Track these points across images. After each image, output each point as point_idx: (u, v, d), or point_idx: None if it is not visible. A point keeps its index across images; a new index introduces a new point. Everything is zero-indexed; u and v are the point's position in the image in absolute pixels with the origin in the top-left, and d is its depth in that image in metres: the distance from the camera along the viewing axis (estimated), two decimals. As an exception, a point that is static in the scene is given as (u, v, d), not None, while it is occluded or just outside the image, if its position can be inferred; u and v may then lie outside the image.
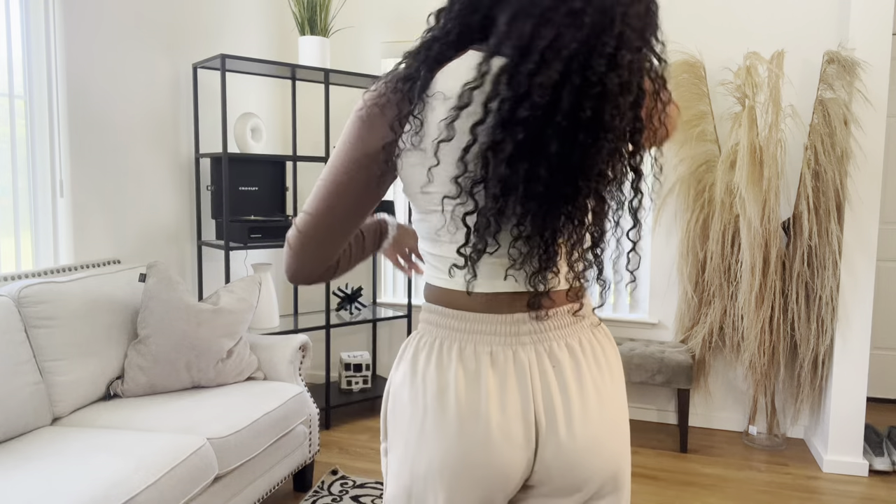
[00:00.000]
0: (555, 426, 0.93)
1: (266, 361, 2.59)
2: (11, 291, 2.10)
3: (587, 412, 0.94)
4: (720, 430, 3.45)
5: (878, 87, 2.83)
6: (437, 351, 0.96)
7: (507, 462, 0.93)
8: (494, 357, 0.94)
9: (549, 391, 0.93)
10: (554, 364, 0.94)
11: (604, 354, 0.99)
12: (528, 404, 0.93)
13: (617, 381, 1.00)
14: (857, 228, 2.89)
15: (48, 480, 1.64)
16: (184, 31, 3.13)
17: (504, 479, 0.94)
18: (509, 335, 0.94)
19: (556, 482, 0.96)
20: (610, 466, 0.97)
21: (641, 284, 3.58)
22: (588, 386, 0.95)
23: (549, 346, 0.95)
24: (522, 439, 0.93)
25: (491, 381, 0.93)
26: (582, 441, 0.94)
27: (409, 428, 0.96)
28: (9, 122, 2.39)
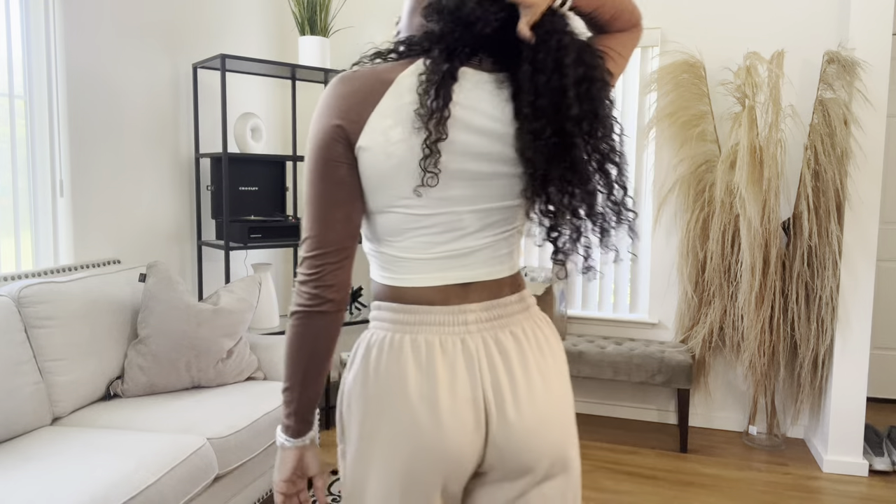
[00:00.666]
0: (503, 409, 0.98)
1: (266, 361, 2.59)
2: (11, 291, 2.10)
3: (533, 395, 0.99)
4: (720, 430, 3.45)
5: (878, 87, 2.83)
6: (388, 345, 0.99)
7: (460, 447, 0.97)
8: (444, 346, 0.98)
9: (497, 377, 0.98)
10: (500, 351, 1.00)
11: (546, 341, 1.04)
12: (476, 390, 0.98)
13: (560, 365, 1.05)
14: (857, 228, 2.89)
15: (48, 480, 1.64)
16: (184, 31, 3.13)
17: (457, 465, 0.98)
18: (457, 325, 0.99)
19: (508, 464, 1.00)
20: (558, 446, 1.02)
21: (641, 284, 3.58)
22: (533, 370, 1.00)
23: (494, 334, 1.00)
24: (473, 424, 0.97)
25: (441, 369, 0.97)
26: (530, 422, 0.99)
27: (366, 420, 1.00)
28: (9, 122, 2.39)
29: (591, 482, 2.84)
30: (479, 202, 0.99)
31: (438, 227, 0.99)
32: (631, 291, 3.59)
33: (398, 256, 1.01)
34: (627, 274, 3.59)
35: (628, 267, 3.59)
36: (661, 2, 3.39)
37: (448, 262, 1.00)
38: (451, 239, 0.99)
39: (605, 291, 3.63)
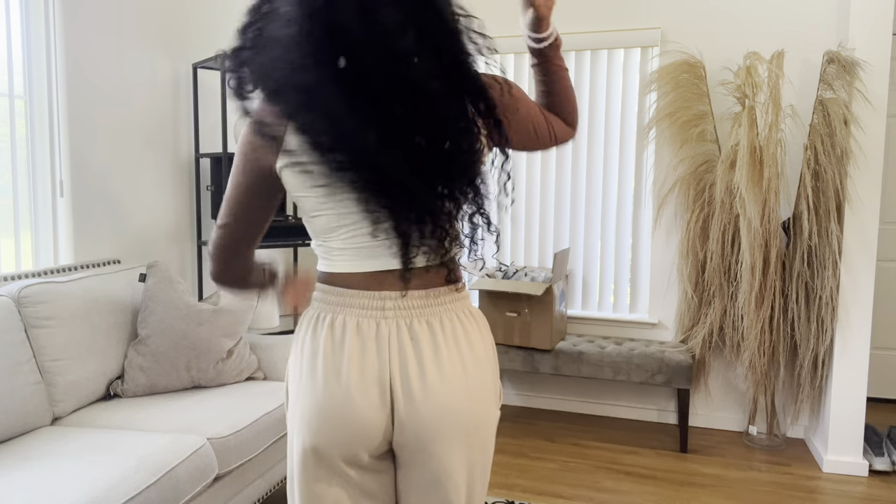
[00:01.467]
0: (409, 392, 1.06)
1: (266, 361, 2.59)
2: (11, 291, 2.10)
3: (440, 382, 1.06)
4: (720, 430, 3.45)
5: (878, 87, 2.83)
6: (313, 322, 1.11)
7: (364, 418, 1.06)
8: (360, 327, 1.07)
9: (406, 361, 1.06)
10: (412, 337, 1.07)
11: (465, 334, 1.11)
12: (384, 371, 1.06)
13: (478, 360, 1.11)
14: (857, 228, 2.89)
15: (48, 480, 1.64)
16: (184, 31, 3.13)
17: (362, 434, 1.07)
18: (375, 309, 1.07)
19: (412, 444, 1.08)
20: (459, 436, 1.09)
21: (641, 284, 3.58)
22: (444, 360, 1.07)
23: (409, 321, 1.08)
24: (378, 400, 1.06)
25: (354, 347, 1.06)
26: (434, 407, 1.06)
27: (292, 388, 1.13)
28: (9, 122, 2.39)
29: (591, 482, 2.84)
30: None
31: (359, 224, 1.07)
32: (631, 291, 3.59)
33: (331, 248, 1.11)
34: (627, 274, 3.59)
35: (628, 267, 3.59)
36: (661, 2, 3.40)
37: (369, 252, 1.08)
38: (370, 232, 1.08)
39: (605, 291, 3.63)
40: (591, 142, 3.59)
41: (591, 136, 3.59)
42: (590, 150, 3.59)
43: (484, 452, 1.15)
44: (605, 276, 3.63)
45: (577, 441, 3.29)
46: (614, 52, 3.51)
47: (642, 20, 3.43)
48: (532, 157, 3.69)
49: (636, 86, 3.49)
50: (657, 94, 3.34)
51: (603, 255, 3.62)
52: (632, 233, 3.56)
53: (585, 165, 3.60)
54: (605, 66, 3.53)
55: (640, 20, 3.44)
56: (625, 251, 3.59)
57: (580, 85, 3.58)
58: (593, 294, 3.65)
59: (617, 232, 3.59)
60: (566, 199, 3.65)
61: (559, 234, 3.67)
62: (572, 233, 3.65)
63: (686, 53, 3.37)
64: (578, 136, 3.61)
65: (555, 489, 2.77)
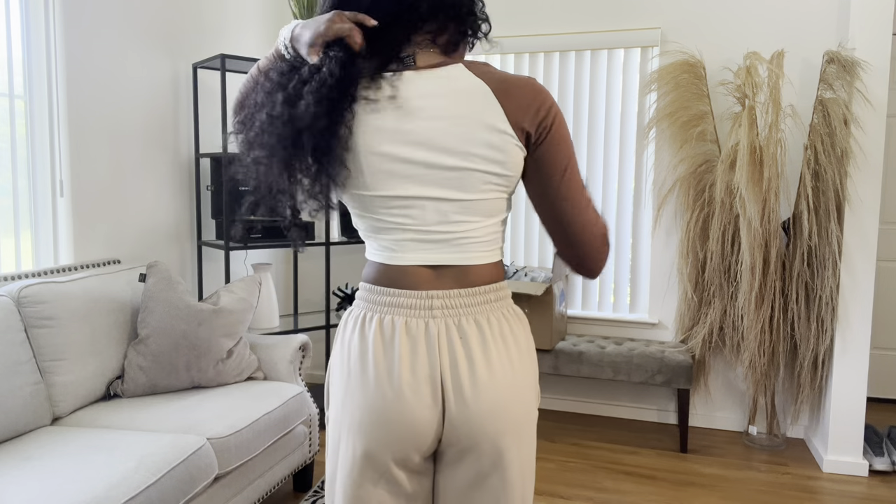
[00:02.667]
0: (460, 390, 1.06)
1: (266, 361, 2.59)
2: (11, 291, 2.10)
3: (490, 380, 1.07)
4: (720, 430, 3.45)
5: (878, 87, 2.83)
6: (360, 322, 1.11)
7: (417, 418, 1.06)
8: (409, 327, 1.07)
9: (456, 359, 1.06)
10: (461, 336, 1.07)
11: (511, 333, 1.11)
12: (435, 370, 1.06)
13: (523, 359, 1.12)
14: (857, 228, 2.89)
15: (48, 480, 1.64)
16: (184, 31, 3.13)
17: (415, 434, 1.07)
18: (423, 308, 1.08)
19: (463, 442, 1.08)
20: (507, 431, 1.09)
21: (641, 284, 3.58)
22: (493, 358, 1.08)
23: (458, 320, 1.08)
24: (430, 399, 1.06)
25: (404, 347, 1.07)
26: (485, 405, 1.06)
27: (338, 389, 1.12)
28: (9, 122, 2.39)
29: (592, 482, 2.84)
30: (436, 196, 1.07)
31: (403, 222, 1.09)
32: (631, 291, 3.59)
33: (375, 245, 1.13)
34: (627, 274, 3.59)
35: (628, 267, 3.59)
36: (661, 2, 3.40)
37: (416, 245, 1.09)
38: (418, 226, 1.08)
39: (605, 291, 3.63)
40: (591, 142, 3.59)
41: (591, 136, 3.59)
42: (590, 150, 3.59)
43: (532, 450, 1.16)
44: (604, 276, 3.63)
45: (577, 441, 3.29)
46: (614, 52, 3.51)
47: (642, 20, 3.43)
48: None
49: (636, 86, 3.49)
50: (657, 94, 3.34)
51: (603, 255, 3.61)
52: (632, 233, 3.56)
53: (585, 165, 3.60)
54: (605, 66, 3.53)
55: (640, 20, 3.44)
56: (625, 251, 3.59)
57: (580, 85, 3.58)
58: (593, 294, 3.65)
59: (617, 232, 3.59)
60: (566, 199, 3.65)
61: (559, 234, 3.67)
62: (572, 233, 3.64)
63: (686, 53, 3.37)
64: (579, 136, 3.61)
65: (555, 489, 2.77)
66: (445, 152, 1.04)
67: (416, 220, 1.07)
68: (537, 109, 1.07)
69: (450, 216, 1.07)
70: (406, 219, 1.08)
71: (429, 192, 1.06)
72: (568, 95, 3.61)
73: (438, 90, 1.05)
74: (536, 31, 3.60)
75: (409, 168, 1.05)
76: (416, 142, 1.04)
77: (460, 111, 1.04)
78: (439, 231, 1.08)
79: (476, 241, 1.10)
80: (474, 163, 1.05)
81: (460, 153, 1.04)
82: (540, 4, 3.58)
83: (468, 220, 1.08)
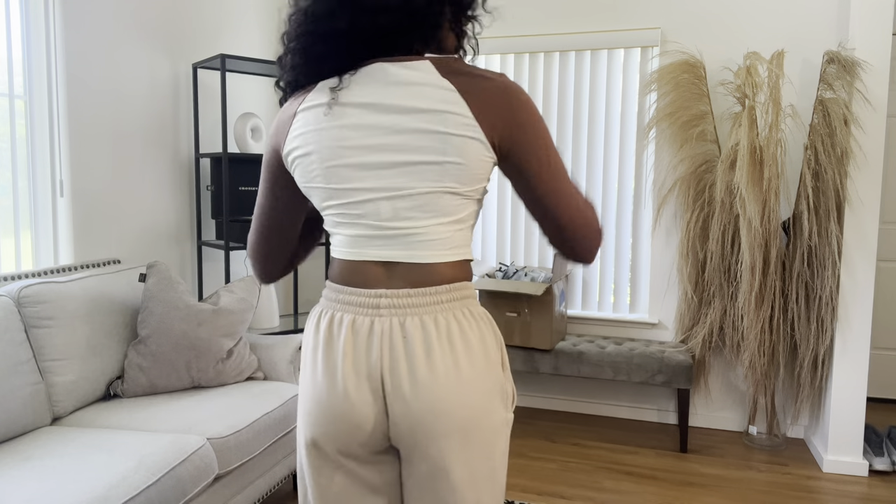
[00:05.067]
0: (399, 389, 1.07)
1: (266, 361, 2.59)
2: (11, 291, 2.10)
3: (430, 380, 1.06)
4: (720, 430, 3.45)
5: (878, 87, 2.83)
6: (317, 318, 1.15)
7: (357, 414, 1.09)
8: (355, 324, 1.10)
9: (396, 358, 1.07)
10: (404, 335, 1.07)
11: (461, 334, 1.09)
12: (374, 368, 1.08)
13: (474, 361, 1.10)
14: (857, 228, 2.89)
15: (48, 480, 1.64)
16: (184, 31, 3.13)
17: (356, 429, 1.10)
18: (370, 307, 1.09)
19: (407, 440, 1.09)
20: (450, 433, 1.08)
21: (641, 284, 3.58)
22: (435, 358, 1.07)
23: (403, 319, 1.08)
24: (370, 396, 1.08)
25: (348, 344, 1.09)
26: (423, 404, 1.06)
27: (301, 381, 1.17)
28: (9, 122, 2.39)
29: (591, 482, 2.84)
30: (390, 190, 1.07)
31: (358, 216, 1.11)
32: (631, 291, 3.59)
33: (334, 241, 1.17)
34: (627, 274, 3.59)
35: (628, 267, 3.59)
36: (661, 2, 3.40)
37: (368, 241, 1.11)
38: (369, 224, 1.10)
39: (605, 291, 3.63)
40: (591, 142, 3.59)
41: (591, 136, 3.59)
42: (590, 150, 3.59)
43: (488, 457, 1.12)
44: (605, 276, 3.63)
45: (577, 441, 3.29)
46: (614, 52, 3.51)
47: (642, 20, 3.43)
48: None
49: (636, 86, 3.49)
50: (657, 94, 3.34)
51: (603, 255, 3.62)
52: (632, 233, 3.56)
53: (585, 165, 3.60)
54: (605, 66, 3.53)
55: (640, 20, 3.44)
56: (625, 251, 3.59)
57: (580, 85, 3.58)
58: (593, 294, 3.65)
59: (617, 232, 3.59)
60: (566, 199, 3.65)
61: (559, 234, 3.67)
62: (572, 233, 3.64)
63: (686, 53, 3.37)
64: (579, 136, 3.61)
65: (555, 489, 2.77)
66: (399, 148, 1.05)
67: (370, 215, 1.08)
68: (507, 106, 1.05)
69: (402, 212, 1.07)
70: (360, 213, 1.09)
71: (382, 185, 1.06)
72: (568, 95, 3.61)
73: (399, 84, 1.05)
74: (536, 31, 3.59)
75: (364, 160, 1.07)
76: (372, 135, 1.06)
77: (418, 105, 1.04)
78: (391, 227, 1.08)
79: (430, 239, 1.08)
80: (428, 157, 1.04)
81: (414, 148, 1.04)
82: (540, 4, 3.58)
83: (421, 217, 1.07)
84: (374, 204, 1.08)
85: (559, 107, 3.62)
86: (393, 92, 1.05)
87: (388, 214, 1.07)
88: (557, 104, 3.62)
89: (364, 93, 1.07)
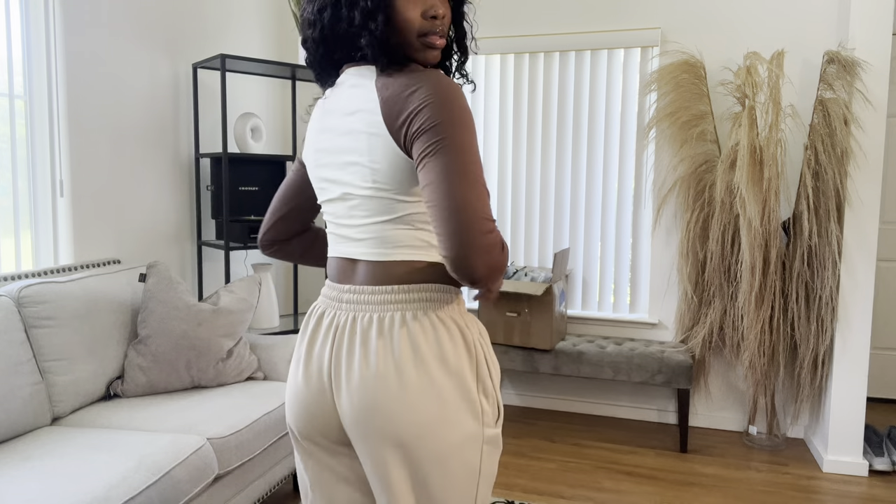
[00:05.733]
0: (338, 382, 1.09)
1: (266, 361, 2.59)
2: (11, 291, 2.10)
3: (364, 378, 1.06)
4: (720, 430, 3.45)
5: (878, 87, 2.83)
6: (309, 310, 1.21)
7: (311, 402, 1.13)
8: (323, 317, 1.14)
9: (341, 352, 1.09)
10: (351, 331, 1.09)
11: (407, 337, 1.06)
12: (324, 360, 1.11)
13: (422, 365, 1.05)
14: (857, 228, 2.89)
15: (48, 480, 1.64)
16: (184, 31, 3.13)
17: (312, 417, 1.14)
18: (334, 300, 1.13)
19: (352, 434, 1.09)
20: (387, 440, 1.05)
21: (641, 284, 3.58)
22: (371, 356, 1.06)
23: (356, 315, 1.10)
24: (319, 385, 1.12)
25: (314, 334, 1.14)
26: (356, 401, 1.07)
27: None
28: (9, 122, 2.39)
29: (591, 482, 2.84)
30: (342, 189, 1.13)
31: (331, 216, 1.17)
32: (631, 291, 3.59)
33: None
34: (627, 274, 3.59)
35: (628, 267, 3.59)
36: (661, 2, 3.40)
37: (337, 238, 1.16)
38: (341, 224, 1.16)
39: (605, 291, 3.63)
40: (591, 142, 3.59)
41: (591, 136, 3.59)
42: (590, 150, 3.59)
43: (444, 473, 1.04)
44: (605, 276, 3.63)
45: (577, 441, 3.29)
46: (614, 52, 3.51)
47: (642, 20, 3.43)
48: (532, 157, 3.68)
49: (636, 86, 3.49)
50: (657, 94, 3.34)
51: (603, 255, 3.62)
52: (632, 233, 3.56)
53: (585, 165, 3.60)
54: (605, 66, 3.53)
55: (640, 20, 3.44)
56: (625, 251, 3.59)
57: (580, 85, 3.58)
58: (593, 294, 3.65)
59: (617, 232, 3.59)
60: (566, 199, 3.65)
61: (559, 234, 3.67)
62: (572, 233, 3.65)
63: (686, 53, 3.37)
64: (579, 137, 3.61)
65: (555, 489, 2.77)
66: (344, 149, 1.10)
67: (334, 215, 1.15)
68: (406, 96, 1.01)
69: (352, 211, 1.11)
70: (330, 212, 1.16)
71: (338, 186, 1.12)
72: (568, 95, 3.61)
73: (347, 89, 1.12)
74: (536, 32, 3.59)
75: (323, 161, 1.14)
76: (330, 137, 1.13)
77: (353, 107, 1.09)
78: (349, 225, 1.13)
79: (383, 239, 1.08)
80: (361, 158, 1.07)
81: (353, 150, 1.08)
82: (540, 4, 3.58)
83: (368, 216, 1.10)
84: (335, 204, 1.15)
85: (559, 107, 3.62)
86: (345, 95, 1.13)
87: (343, 213, 1.14)
88: (557, 104, 3.62)
89: (332, 97, 1.15)
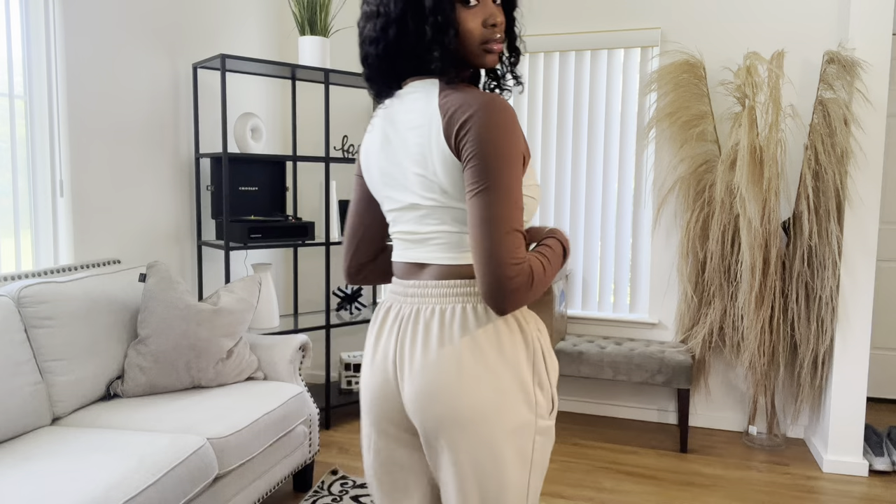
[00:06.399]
0: (403, 371, 1.16)
1: (266, 361, 2.59)
2: (11, 291, 2.10)
3: (424, 366, 1.13)
4: (720, 430, 3.45)
5: (878, 87, 2.83)
6: (379, 305, 1.30)
7: (378, 391, 1.21)
8: (390, 310, 1.22)
9: (405, 342, 1.16)
10: (414, 322, 1.16)
11: (463, 326, 1.13)
12: (390, 349, 1.19)
13: (479, 353, 1.12)
14: (857, 228, 2.89)
15: (48, 480, 1.64)
16: (184, 31, 3.13)
17: (380, 403, 1.21)
18: (400, 294, 1.21)
19: (415, 420, 1.16)
20: (445, 420, 1.11)
21: (641, 284, 3.58)
22: (432, 343, 1.13)
23: (421, 307, 1.17)
24: (383, 376, 1.20)
25: (378, 327, 1.23)
26: (417, 386, 1.13)
27: None
28: (9, 122, 2.39)
29: (591, 482, 2.84)
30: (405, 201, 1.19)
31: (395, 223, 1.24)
32: (631, 291, 3.59)
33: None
34: (627, 274, 3.59)
35: (628, 267, 3.59)
36: (661, 2, 3.40)
37: (403, 245, 1.23)
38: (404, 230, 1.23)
39: (605, 291, 3.63)
40: (591, 142, 3.59)
41: (591, 136, 3.59)
42: (590, 150, 3.59)
43: (494, 456, 1.10)
44: (605, 276, 3.63)
45: (577, 441, 3.29)
46: (614, 52, 3.51)
47: (642, 20, 3.43)
48: (532, 157, 3.68)
49: (636, 86, 3.49)
50: (657, 94, 3.34)
51: (603, 255, 3.62)
52: (632, 233, 3.56)
53: (585, 165, 3.60)
54: (605, 66, 3.53)
55: (640, 20, 3.44)
56: (625, 251, 3.59)
57: (580, 85, 3.58)
58: (593, 294, 3.65)
59: (617, 232, 3.59)
60: (566, 199, 3.65)
61: (559, 234, 3.67)
62: (572, 233, 3.65)
63: (686, 53, 3.37)
64: (579, 136, 3.61)
65: (555, 489, 2.77)
66: (409, 162, 1.15)
67: (401, 223, 1.21)
68: (462, 121, 1.08)
69: (420, 219, 1.17)
70: (397, 221, 1.22)
71: (405, 196, 1.18)
72: (568, 95, 3.61)
73: (411, 103, 1.16)
74: (536, 31, 3.60)
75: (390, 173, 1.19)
76: (394, 150, 1.18)
77: (417, 122, 1.13)
78: (416, 232, 1.18)
79: (450, 245, 1.16)
80: (426, 171, 1.13)
81: (417, 163, 1.14)
82: (540, 4, 3.58)
83: (436, 224, 1.16)
84: (399, 213, 1.21)
85: (559, 107, 3.62)
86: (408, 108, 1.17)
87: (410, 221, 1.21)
88: (557, 104, 3.62)
89: (393, 109, 1.20)
